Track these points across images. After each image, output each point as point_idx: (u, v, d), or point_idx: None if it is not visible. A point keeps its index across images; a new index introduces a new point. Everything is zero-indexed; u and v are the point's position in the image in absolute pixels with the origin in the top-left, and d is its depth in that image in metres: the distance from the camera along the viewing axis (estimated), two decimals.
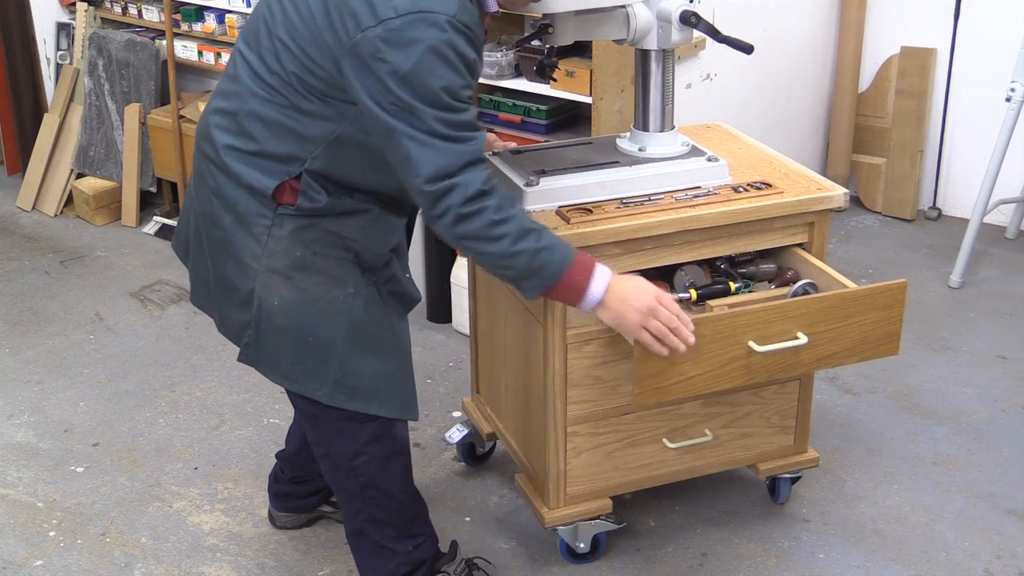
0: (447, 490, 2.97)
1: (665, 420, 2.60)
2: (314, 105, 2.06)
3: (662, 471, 2.67)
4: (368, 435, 2.30)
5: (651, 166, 2.52)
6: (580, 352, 2.45)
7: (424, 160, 1.98)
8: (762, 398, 2.67)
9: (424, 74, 1.93)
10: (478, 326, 2.87)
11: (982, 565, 2.69)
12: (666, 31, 2.44)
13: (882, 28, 4.49)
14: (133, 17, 4.57)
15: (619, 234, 2.36)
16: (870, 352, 2.33)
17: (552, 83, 3.37)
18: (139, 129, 4.51)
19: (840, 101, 4.56)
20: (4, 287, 4.12)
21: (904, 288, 2.31)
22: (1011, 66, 3.87)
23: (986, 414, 3.26)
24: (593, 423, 2.54)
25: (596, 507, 2.63)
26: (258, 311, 2.17)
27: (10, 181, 5.00)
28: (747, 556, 2.71)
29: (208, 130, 2.18)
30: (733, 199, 2.47)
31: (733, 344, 2.21)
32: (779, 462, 2.76)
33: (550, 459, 2.54)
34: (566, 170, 2.49)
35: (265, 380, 2.38)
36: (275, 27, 2.09)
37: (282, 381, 2.24)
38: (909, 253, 4.25)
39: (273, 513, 2.83)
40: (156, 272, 4.20)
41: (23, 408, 3.38)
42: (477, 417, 2.94)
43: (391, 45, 1.93)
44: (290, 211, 2.12)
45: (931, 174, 4.53)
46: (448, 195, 1.99)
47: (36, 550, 2.80)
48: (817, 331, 2.26)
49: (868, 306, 2.29)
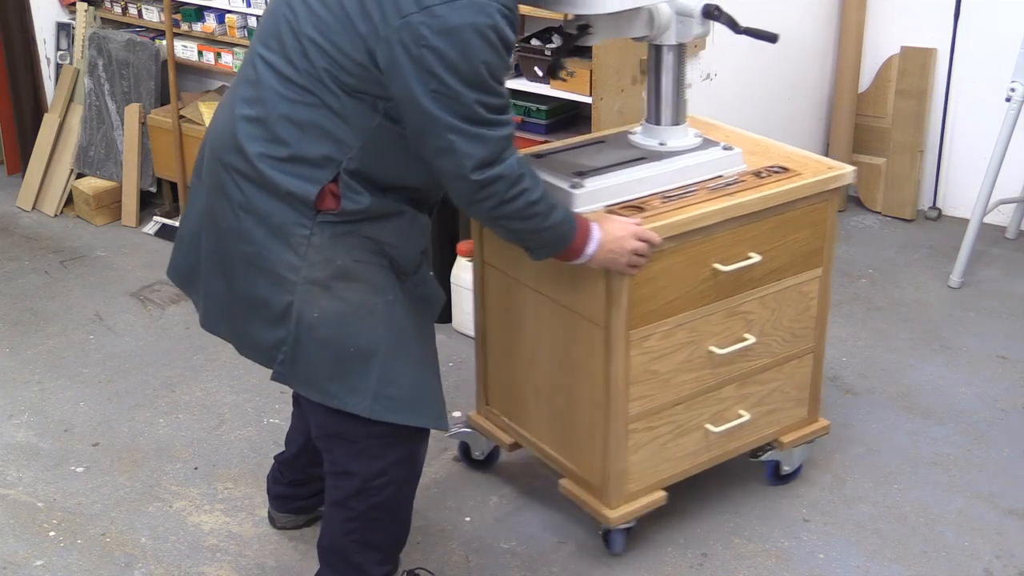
0: (447, 490, 2.97)
1: (707, 406, 2.68)
2: (346, 103, 2.04)
3: (705, 457, 2.74)
4: (396, 455, 2.27)
5: (678, 159, 2.59)
6: (640, 348, 2.49)
7: (468, 151, 2.03)
8: (784, 373, 2.79)
9: (470, 57, 1.96)
10: (487, 338, 2.83)
11: (982, 565, 2.69)
12: (686, 25, 2.49)
13: (882, 28, 4.49)
14: (133, 17, 4.57)
15: (675, 228, 2.43)
16: (801, 266, 2.69)
17: (553, 82, 3.37)
18: (139, 129, 4.51)
19: (840, 101, 4.55)
20: (4, 287, 4.12)
21: (830, 208, 2.69)
22: (1011, 66, 3.87)
23: (986, 414, 3.26)
24: (649, 418, 2.58)
25: (653, 500, 2.66)
26: (296, 325, 2.13)
27: (10, 181, 5.00)
28: (747, 556, 2.71)
29: (236, 140, 2.12)
30: (762, 184, 2.58)
31: (701, 267, 2.51)
32: (797, 433, 2.89)
33: (610, 459, 2.54)
34: (602, 170, 2.52)
35: (265, 380, 2.39)
36: (300, 26, 2.05)
37: (321, 397, 2.18)
38: (909, 253, 4.25)
39: (273, 514, 2.82)
40: (156, 272, 4.20)
41: (23, 408, 3.38)
42: (490, 429, 2.90)
43: (436, 30, 1.94)
44: (330, 218, 2.08)
45: (931, 174, 4.53)
46: (495, 183, 2.08)
47: (36, 550, 2.80)
48: (765, 250, 2.59)
49: (800, 224, 2.65)
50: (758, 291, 2.64)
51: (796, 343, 2.78)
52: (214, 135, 2.20)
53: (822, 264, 2.75)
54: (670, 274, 2.47)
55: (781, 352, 2.76)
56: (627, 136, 2.71)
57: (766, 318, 2.69)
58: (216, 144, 2.18)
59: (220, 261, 2.21)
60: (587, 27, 2.42)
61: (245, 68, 2.18)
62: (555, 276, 2.52)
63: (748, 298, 2.63)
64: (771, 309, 2.69)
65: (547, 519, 2.86)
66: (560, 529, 2.82)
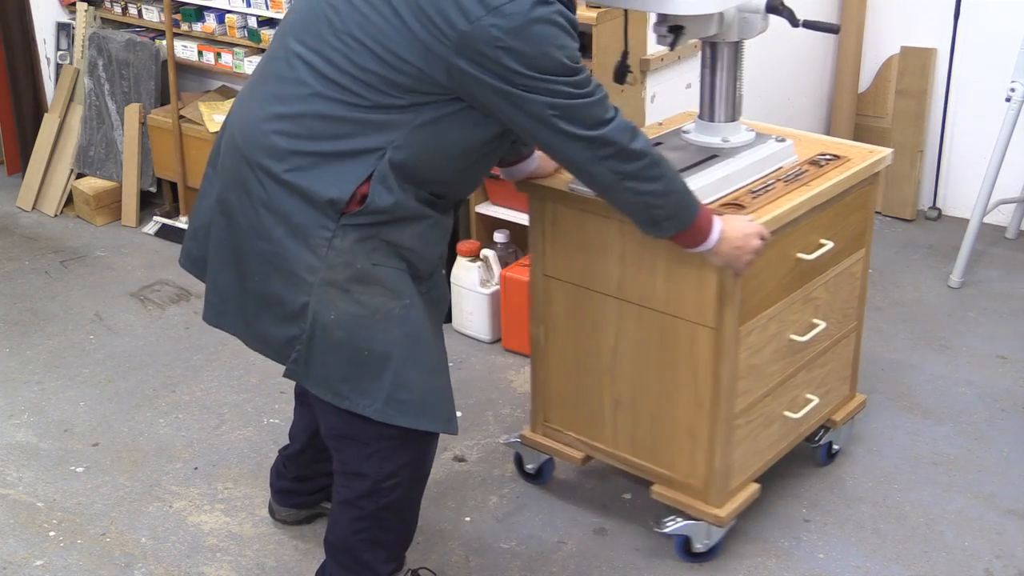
0: (447, 490, 2.97)
1: (786, 393, 2.73)
2: (400, 100, 2.03)
3: (784, 444, 2.79)
4: (407, 457, 2.27)
5: (745, 154, 2.63)
6: (745, 344, 2.51)
7: (571, 118, 2.05)
8: (836, 353, 2.87)
9: (546, 48, 1.98)
10: (547, 353, 2.77)
11: (982, 565, 2.69)
12: (749, 22, 2.53)
13: (882, 28, 4.49)
14: (133, 17, 4.57)
15: (777, 221, 2.46)
16: (852, 248, 2.79)
17: None
18: (139, 129, 4.51)
19: (840, 101, 4.56)
20: (4, 287, 4.12)
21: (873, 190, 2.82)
22: (1011, 66, 3.87)
23: (986, 414, 3.26)
24: (747, 412, 2.60)
25: (750, 494, 2.69)
26: (312, 325, 2.11)
27: (10, 181, 4.99)
28: (747, 556, 2.71)
29: (266, 138, 2.09)
30: (825, 172, 2.64)
31: (787, 259, 2.57)
32: (845, 410, 2.98)
33: (716, 457, 2.55)
34: (687, 171, 2.52)
35: (265, 380, 2.39)
36: (345, 25, 2.03)
37: (332, 397, 2.17)
38: (909, 253, 4.25)
39: (274, 507, 2.82)
40: (156, 272, 4.20)
41: (23, 408, 3.38)
42: (551, 446, 2.85)
43: (507, 31, 1.94)
44: (353, 220, 2.07)
45: (931, 174, 4.52)
46: (612, 141, 2.10)
47: (36, 550, 2.80)
48: (831, 236, 2.67)
49: (853, 208, 2.74)
50: (823, 276, 2.72)
51: (846, 323, 2.88)
52: (239, 129, 2.16)
53: (865, 245, 2.86)
54: (767, 268, 2.50)
55: (836, 333, 2.85)
56: (681, 135, 2.73)
57: (828, 302, 2.77)
58: (240, 139, 2.15)
59: (233, 255, 2.19)
60: (681, 28, 2.44)
61: (275, 64, 2.13)
62: (645, 281, 2.51)
63: (817, 284, 2.71)
64: (832, 292, 2.77)
65: (547, 519, 2.86)
66: (560, 529, 2.82)
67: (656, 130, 2.87)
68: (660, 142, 2.72)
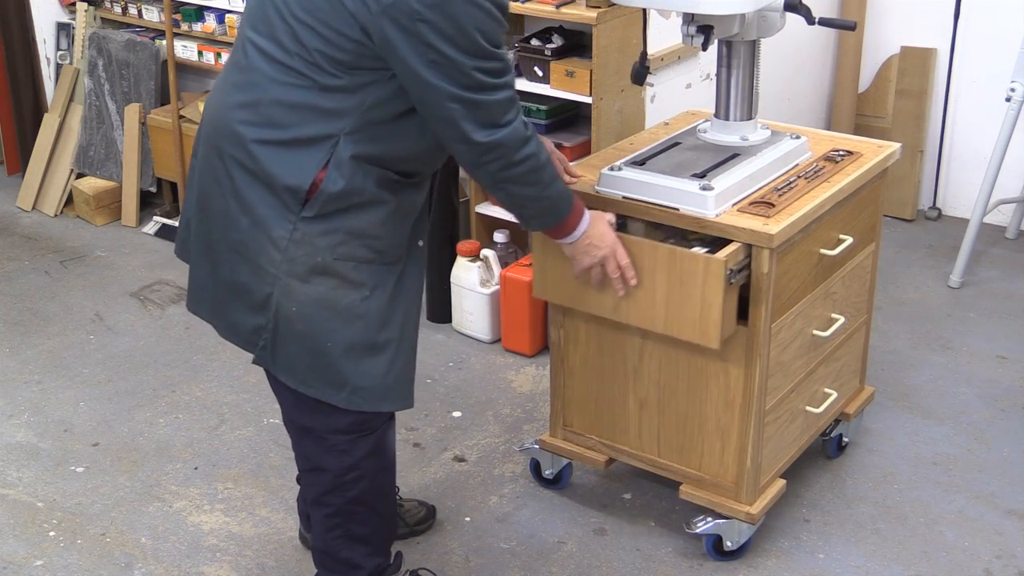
0: (447, 490, 2.97)
1: (807, 388, 2.74)
2: (342, 79, 2.04)
3: (804, 438, 2.80)
4: (364, 450, 2.28)
5: (765, 152, 2.63)
6: (776, 341, 2.52)
7: (471, 116, 2.05)
8: (849, 347, 2.89)
9: (464, 26, 1.98)
10: (567, 358, 2.77)
11: (982, 565, 2.69)
12: (768, 20, 2.55)
13: (882, 28, 4.49)
14: (133, 17, 4.57)
15: (806, 219, 2.48)
16: (864, 242, 2.82)
17: (553, 82, 3.38)
18: (139, 129, 4.51)
19: (840, 101, 4.56)
20: (4, 287, 4.12)
21: (883, 185, 2.85)
22: (1011, 66, 3.87)
23: (986, 414, 3.26)
24: (776, 409, 2.61)
25: (778, 490, 2.70)
26: (275, 317, 2.15)
27: (10, 181, 5.00)
28: (747, 556, 2.71)
29: (231, 127, 2.12)
30: (842, 168, 2.66)
31: (811, 255, 2.58)
32: (856, 403, 3.01)
33: (747, 455, 2.56)
34: (713, 170, 2.53)
35: (265, 380, 2.37)
36: (288, 7, 2.06)
37: (298, 385, 2.20)
38: (909, 253, 4.25)
39: (304, 534, 2.77)
40: (156, 272, 4.20)
41: (23, 408, 3.38)
42: (572, 450, 2.84)
43: (428, 4, 1.95)
44: (311, 211, 2.08)
45: (931, 174, 4.52)
46: (499, 147, 2.10)
47: (36, 550, 2.80)
48: (848, 230, 2.70)
49: (866, 202, 2.77)
50: (841, 271, 2.74)
51: (858, 316, 2.90)
52: (209, 120, 2.21)
53: (875, 239, 2.88)
54: (796, 264, 2.52)
55: (850, 326, 2.87)
56: (698, 135, 2.73)
57: (845, 296, 2.79)
58: (210, 130, 2.19)
59: (207, 244, 2.23)
60: (711, 28, 2.45)
61: (235, 53, 2.18)
62: None
63: (835, 279, 2.73)
64: (847, 286, 2.79)
65: (547, 519, 2.86)
66: (560, 529, 2.82)
67: (665, 130, 2.87)
68: (678, 142, 2.72)
